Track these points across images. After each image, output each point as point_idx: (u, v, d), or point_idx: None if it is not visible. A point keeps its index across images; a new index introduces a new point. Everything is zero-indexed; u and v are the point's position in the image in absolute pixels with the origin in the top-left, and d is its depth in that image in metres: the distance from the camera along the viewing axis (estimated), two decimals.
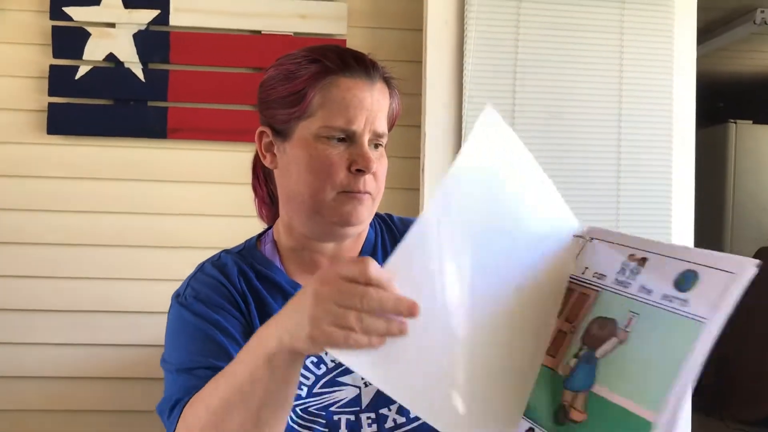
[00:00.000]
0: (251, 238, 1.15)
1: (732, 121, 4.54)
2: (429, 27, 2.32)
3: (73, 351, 2.38)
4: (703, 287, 0.76)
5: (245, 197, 1.08)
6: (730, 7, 3.51)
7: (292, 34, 2.44)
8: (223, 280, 1.04)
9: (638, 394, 0.75)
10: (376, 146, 1.04)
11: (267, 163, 1.08)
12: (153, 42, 2.41)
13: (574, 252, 0.90)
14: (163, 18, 2.40)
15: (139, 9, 2.39)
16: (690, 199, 2.43)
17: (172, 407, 0.91)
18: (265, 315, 1.02)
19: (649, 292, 0.80)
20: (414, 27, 2.47)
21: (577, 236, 0.90)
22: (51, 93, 2.37)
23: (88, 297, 2.39)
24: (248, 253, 1.11)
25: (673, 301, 0.77)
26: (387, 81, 1.08)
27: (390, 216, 1.21)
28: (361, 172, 1.01)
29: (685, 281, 0.78)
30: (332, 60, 1.02)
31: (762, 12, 3.48)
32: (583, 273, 0.88)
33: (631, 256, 0.84)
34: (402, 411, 1.04)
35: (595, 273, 0.87)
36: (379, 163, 1.04)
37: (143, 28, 2.40)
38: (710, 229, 4.43)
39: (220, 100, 2.40)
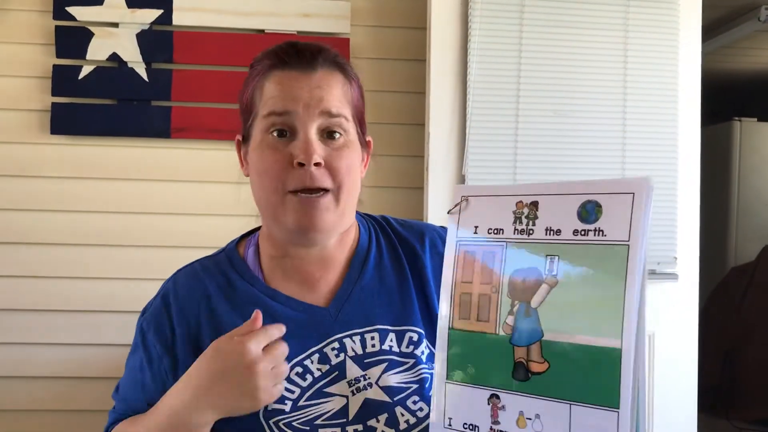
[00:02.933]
0: (232, 241, 1.13)
1: (737, 118, 4.52)
2: (433, 25, 2.31)
3: (78, 351, 2.38)
4: (610, 214, 0.79)
5: (249, 197, 1.07)
6: (735, 4, 3.49)
7: (295, 32, 2.44)
8: (173, 319, 1.03)
9: (593, 327, 0.77)
10: (331, 134, 0.98)
11: (243, 171, 1.08)
12: (156, 41, 2.40)
13: (454, 216, 0.92)
14: (166, 17, 2.40)
15: (142, 9, 2.38)
16: (695, 196, 2.42)
17: (112, 412, 1.11)
18: (216, 333, 1.00)
19: (557, 232, 0.82)
20: (418, 25, 2.46)
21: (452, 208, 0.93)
22: (54, 93, 2.37)
23: (93, 297, 2.39)
24: (226, 259, 1.09)
25: (587, 234, 0.80)
26: (340, 67, 1.02)
27: (386, 219, 1.17)
28: (303, 166, 0.95)
29: (589, 213, 0.80)
30: (270, 58, 1.01)
31: (767, 9, 3.46)
32: (475, 232, 0.89)
33: (519, 204, 0.86)
34: (392, 423, 0.98)
35: (490, 229, 0.88)
36: (337, 153, 0.98)
37: (146, 27, 2.40)
38: (715, 226, 4.41)
39: (224, 99, 2.39)
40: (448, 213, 0.92)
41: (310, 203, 0.97)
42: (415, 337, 1.05)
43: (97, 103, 2.40)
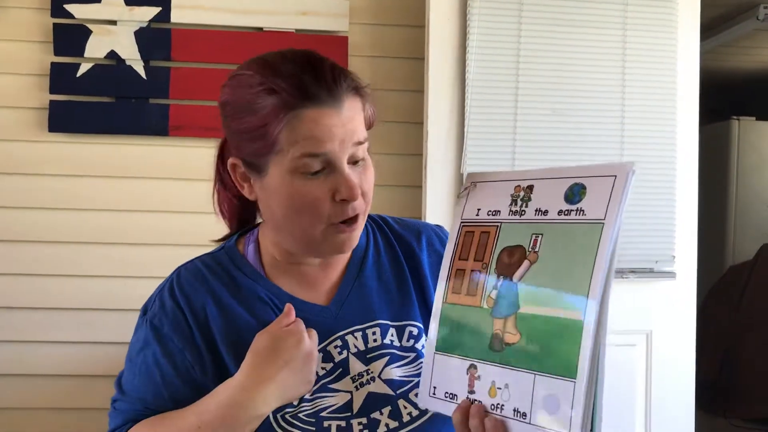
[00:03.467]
0: (230, 239, 1.13)
1: (735, 117, 4.53)
2: (431, 23, 2.31)
3: (78, 349, 2.38)
4: (592, 195, 0.84)
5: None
6: (734, 3, 3.49)
7: (293, 31, 2.44)
8: (184, 311, 1.02)
9: (561, 301, 0.82)
10: (356, 162, 0.99)
11: (246, 193, 1.06)
12: (154, 39, 2.40)
13: (461, 200, 0.98)
14: (164, 15, 2.39)
15: (141, 6, 2.38)
16: (693, 195, 2.42)
17: (120, 412, 1.05)
18: (230, 330, 1.01)
19: (545, 212, 0.88)
20: (416, 24, 2.45)
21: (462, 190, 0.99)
22: (52, 90, 2.36)
23: (90, 295, 2.38)
24: (227, 256, 1.09)
25: (569, 214, 0.85)
26: (359, 92, 1.00)
27: (383, 218, 1.18)
28: (346, 201, 0.97)
29: (574, 194, 0.86)
30: (289, 90, 0.94)
31: (765, 8, 3.46)
32: (477, 215, 0.95)
33: (517, 188, 0.92)
34: (395, 416, 1.00)
35: (489, 211, 0.94)
36: (364, 177, 1.00)
37: (144, 25, 2.39)
38: (713, 225, 4.41)
39: None
40: (457, 197, 0.98)
41: (349, 233, 1.01)
42: (415, 331, 1.07)
43: (95, 101, 2.39)
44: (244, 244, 1.11)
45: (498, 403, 0.86)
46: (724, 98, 4.90)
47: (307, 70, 0.96)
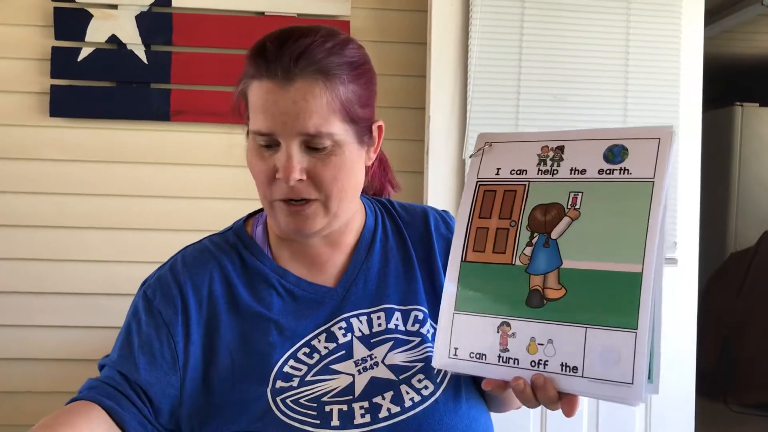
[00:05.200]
0: (240, 219, 1.13)
1: (738, 103, 4.51)
2: (434, 8, 2.30)
3: (78, 333, 2.39)
4: (635, 156, 0.85)
5: (249, 179, 1.07)
6: None
7: (295, 15, 2.42)
8: (182, 287, 1.01)
9: (614, 254, 0.83)
10: (316, 149, 0.96)
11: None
12: (155, 23, 2.39)
13: (476, 159, 0.97)
14: None
15: None
16: (696, 181, 2.42)
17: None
18: (235, 309, 1.01)
19: (582, 172, 0.88)
20: (418, 8, 2.44)
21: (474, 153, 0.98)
22: (53, 75, 2.36)
23: (91, 279, 2.39)
24: (235, 236, 1.09)
25: (612, 173, 0.86)
26: (323, 73, 0.95)
27: (391, 202, 1.19)
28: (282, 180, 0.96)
29: (615, 155, 0.86)
30: (252, 61, 0.97)
31: None
32: (497, 174, 0.95)
33: (545, 148, 0.92)
34: (397, 400, 0.99)
35: (512, 170, 0.93)
36: (322, 164, 0.96)
37: (146, 9, 2.38)
38: (716, 211, 4.41)
39: (224, 82, 2.38)
40: (469, 157, 0.99)
41: (296, 211, 0.98)
42: (420, 315, 1.07)
43: (96, 86, 2.39)
44: (253, 225, 1.11)
45: (540, 360, 0.86)
46: (728, 84, 4.88)
47: (276, 45, 0.96)
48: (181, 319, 1.01)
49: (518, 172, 0.93)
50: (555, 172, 0.90)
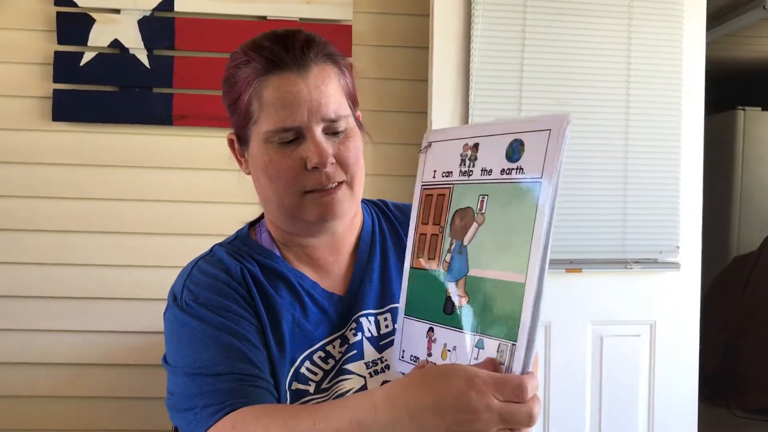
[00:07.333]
0: (242, 228, 1.12)
1: (740, 107, 4.51)
2: (436, 12, 2.30)
3: (81, 338, 2.39)
4: (530, 151, 0.81)
5: (252, 184, 1.07)
6: None
7: (297, 19, 2.43)
8: (223, 277, 1.00)
9: (505, 263, 0.80)
10: (336, 133, 0.99)
11: (242, 169, 1.07)
12: (158, 28, 2.39)
13: (420, 162, 0.95)
14: (168, 4, 2.39)
15: None
16: (698, 185, 2.41)
17: (204, 407, 0.89)
18: (269, 309, 1.00)
19: (489, 172, 0.85)
20: (420, 12, 2.44)
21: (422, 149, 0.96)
22: (56, 80, 2.36)
23: (94, 284, 2.39)
24: (243, 243, 1.08)
25: (511, 173, 0.82)
26: (332, 59, 1.00)
27: (385, 202, 1.20)
28: (317, 168, 0.97)
29: (514, 151, 0.83)
30: (259, 60, 0.98)
31: None
32: (433, 177, 0.93)
33: (465, 146, 0.89)
34: None
35: (443, 173, 0.92)
36: (344, 147, 0.99)
37: (148, 14, 2.39)
38: (718, 215, 4.41)
39: None
40: (419, 153, 0.95)
41: (329, 197, 0.99)
42: None
43: (99, 90, 2.39)
44: (257, 233, 1.11)
45: None
46: (730, 88, 4.88)
47: (279, 42, 0.99)
48: (236, 299, 0.99)
49: (446, 174, 0.91)
50: (470, 173, 0.87)
